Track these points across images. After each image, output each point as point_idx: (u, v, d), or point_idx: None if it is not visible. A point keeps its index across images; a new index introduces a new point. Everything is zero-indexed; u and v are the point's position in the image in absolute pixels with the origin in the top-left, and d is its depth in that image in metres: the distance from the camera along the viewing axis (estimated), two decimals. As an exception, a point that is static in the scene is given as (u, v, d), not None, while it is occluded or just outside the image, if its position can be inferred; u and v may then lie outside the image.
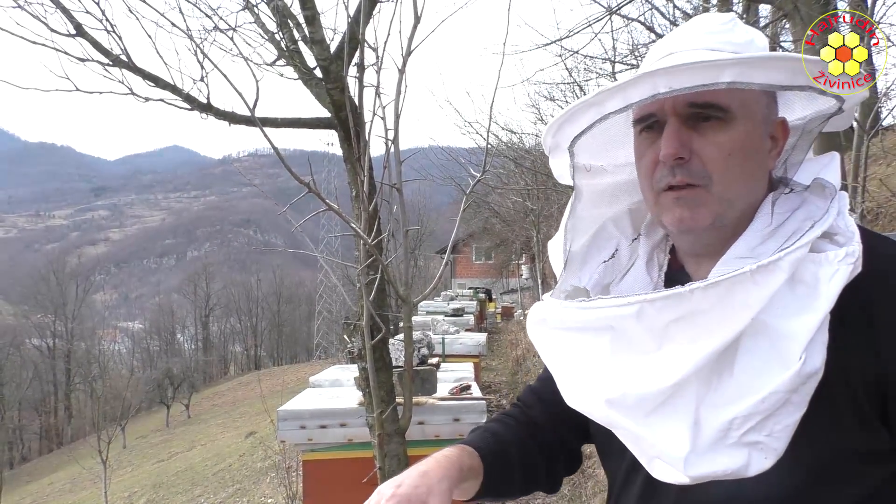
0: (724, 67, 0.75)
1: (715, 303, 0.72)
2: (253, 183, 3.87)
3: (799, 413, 0.71)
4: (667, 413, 0.76)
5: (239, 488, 10.62)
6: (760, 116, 0.84)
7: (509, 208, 16.89)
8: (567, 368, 0.87)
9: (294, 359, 52.41)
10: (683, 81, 0.75)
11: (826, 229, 0.76)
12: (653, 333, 0.77)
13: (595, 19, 6.45)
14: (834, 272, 0.72)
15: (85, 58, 2.75)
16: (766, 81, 0.77)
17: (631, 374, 0.78)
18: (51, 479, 25.05)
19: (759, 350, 0.73)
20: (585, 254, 0.98)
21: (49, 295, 47.82)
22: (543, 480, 1.09)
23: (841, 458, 0.76)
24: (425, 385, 3.92)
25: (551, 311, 0.88)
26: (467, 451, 0.97)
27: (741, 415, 0.71)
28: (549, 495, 5.88)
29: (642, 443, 0.79)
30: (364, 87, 2.56)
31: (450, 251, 2.98)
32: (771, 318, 0.72)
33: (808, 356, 0.70)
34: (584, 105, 0.84)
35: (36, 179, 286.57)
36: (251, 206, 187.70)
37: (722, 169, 0.81)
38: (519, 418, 1.11)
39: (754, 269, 0.71)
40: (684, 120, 0.82)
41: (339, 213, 2.24)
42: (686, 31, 0.88)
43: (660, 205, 0.86)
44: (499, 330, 21.31)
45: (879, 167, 7.02)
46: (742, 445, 0.72)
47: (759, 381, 0.71)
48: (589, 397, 0.83)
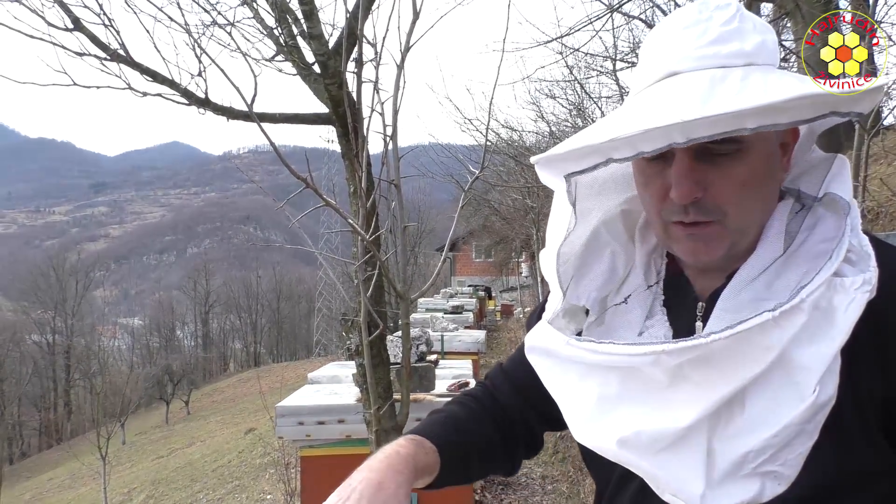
0: (747, 116, 0.68)
1: (734, 347, 0.70)
2: (253, 180, 3.86)
3: (812, 441, 0.70)
4: (680, 451, 0.74)
5: (238, 485, 10.64)
6: (774, 133, 0.79)
7: (509, 206, 16.88)
8: (574, 404, 0.83)
9: (293, 356, 52.46)
10: (703, 132, 0.69)
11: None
12: (667, 373, 0.74)
13: (596, 17, 6.45)
14: (850, 301, 0.70)
15: (82, 52, 2.74)
16: (791, 120, 0.71)
17: (643, 414, 0.76)
18: (50, 474, 25.09)
19: (773, 382, 0.71)
20: (580, 265, 0.92)
21: (49, 291, 47.84)
22: (501, 464, 1.08)
23: (847, 477, 0.75)
24: (423, 382, 3.92)
25: (555, 345, 0.84)
26: (424, 446, 0.94)
27: (755, 448, 0.70)
28: (517, 487, 5.89)
29: (658, 481, 0.77)
30: (362, 83, 2.55)
31: (448, 248, 2.98)
32: (786, 350, 0.70)
33: (822, 387, 0.69)
34: (586, 149, 0.77)
35: (35, 175, 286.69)
36: (251, 203, 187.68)
37: (737, 202, 0.77)
38: (483, 400, 1.09)
39: (777, 315, 0.68)
40: (696, 153, 0.77)
41: (336, 209, 2.24)
42: (686, 38, 0.78)
43: (670, 237, 0.82)
44: (498, 328, 21.33)
45: (880, 166, 7.01)
46: (756, 476, 0.71)
47: (773, 415, 0.70)
48: (600, 436, 0.80)
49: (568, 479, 5.94)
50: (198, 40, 2.78)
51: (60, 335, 45.93)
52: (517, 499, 5.78)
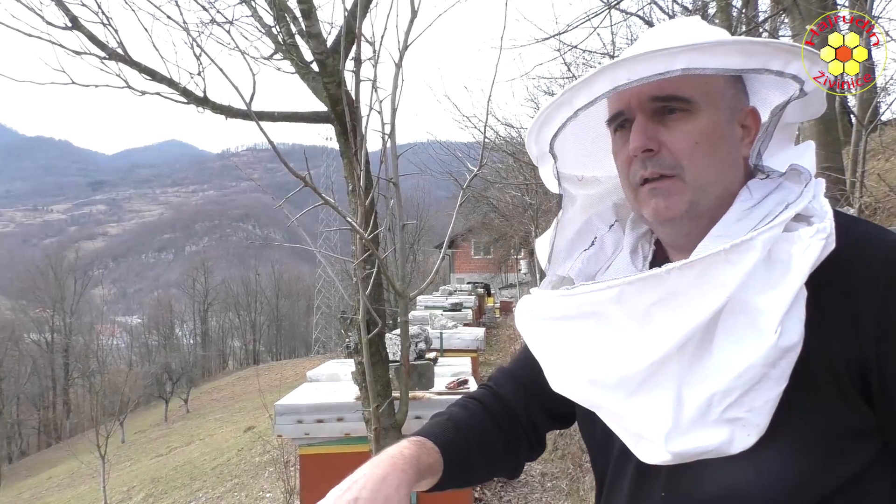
0: (676, 54, 0.77)
1: (692, 283, 0.74)
2: (251, 178, 3.86)
3: (779, 388, 0.73)
4: (648, 392, 0.77)
5: (237, 483, 10.64)
6: (725, 105, 0.85)
7: (508, 203, 16.88)
8: (553, 355, 0.89)
9: (293, 354, 52.47)
10: (642, 71, 0.78)
11: (800, 211, 0.78)
12: (635, 316, 0.79)
13: (594, 13, 6.46)
14: (806, 247, 0.73)
15: (81, 51, 2.74)
16: (720, 66, 0.79)
17: (613, 356, 0.80)
18: (50, 473, 25.09)
19: (736, 327, 0.74)
20: (570, 247, 1.01)
21: (47, 290, 47.81)
22: (504, 467, 1.09)
23: (826, 437, 0.76)
24: (422, 379, 3.92)
25: (538, 302, 0.91)
26: (427, 447, 0.95)
27: (720, 391, 0.73)
28: (511, 480, 5.89)
29: (625, 422, 0.80)
30: (361, 82, 2.55)
31: (446, 245, 2.98)
32: (748, 296, 0.74)
33: (784, 330, 0.71)
34: (554, 105, 0.87)
35: (33, 173, 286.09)
36: (250, 201, 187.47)
37: (691, 157, 0.83)
38: (486, 402, 1.10)
39: (728, 248, 0.73)
40: (650, 115, 0.85)
41: (334, 208, 2.24)
42: (651, 34, 0.92)
43: (638, 200, 0.88)
44: (497, 325, 21.33)
45: (878, 162, 7.02)
46: (723, 422, 0.73)
47: (736, 357, 0.73)
48: (572, 380, 0.85)
49: (567, 476, 5.96)
50: (196, 39, 2.79)
51: (59, 334, 45.92)
52: (517, 496, 5.79)
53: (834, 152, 5.72)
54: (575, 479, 5.70)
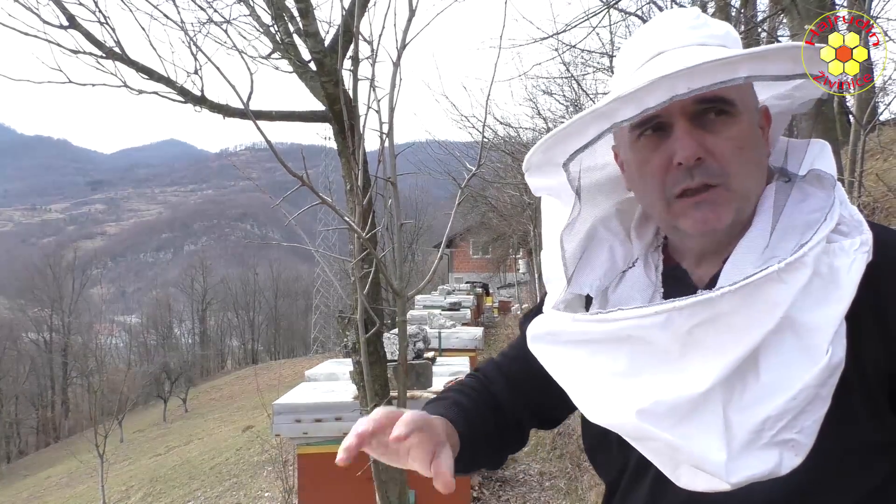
0: (740, 63, 0.74)
1: (741, 304, 0.70)
2: (250, 177, 3.85)
3: (826, 407, 0.71)
4: (698, 420, 0.73)
5: (236, 482, 10.64)
6: (754, 106, 0.84)
7: (506, 202, 16.88)
8: (585, 384, 0.82)
9: (291, 353, 52.43)
10: (703, 81, 0.73)
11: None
12: (677, 339, 0.73)
13: (593, 13, 6.45)
14: (852, 262, 0.71)
15: (78, 50, 2.73)
16: (777, 73, 0.77)
17: (659, 383, 0.74)
18: (48, 473, 25.06)
19: (785, 347, 0.71)
20: (581, 258, 0.94)
21: (45, 289, 47.76)
22: (493, 456, 1.09)
23: (852, 449, 0.75)
24: (420, 379, 3.93)
25: (561, 325, 0.83)
26: (446, 423, 0.93)
27: (773, 414, 0.70)
28: (495, 471, 5.83)
29: (679, 453, 0.74)
30: (359, 81, 2.55)
31: (444, 245, 2.97)
32: (794, 314, 0.70)
33: (834, 348, 0.69)
34: (591, 115, 0.78)
35: (32, 173, 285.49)
36: (248, 201, 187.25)
37: (737, 164, 0.80)
38: (480, 391, 1.08)
39: (782, 266, 0.69)
40: (692, 119, 0.80)
41: (332, 207, 2.23)
42: (666, 28, 0.86)
43: (674, 212, 0.83)
44: (496, 324, 21.33)
45: (876, 162, 7.02)
46: (773, 445, 0.71)
47: (788, 379, 0.70)
48: (617, 411, 0.77)
49: (566, 475, 5.96)
50: (194, 38, 2.78)
51: (57, 333, 45.88)
52: (515, 495, 5.79)
53: (832, 152, 5.73)
54: (573, 479, 5.71)
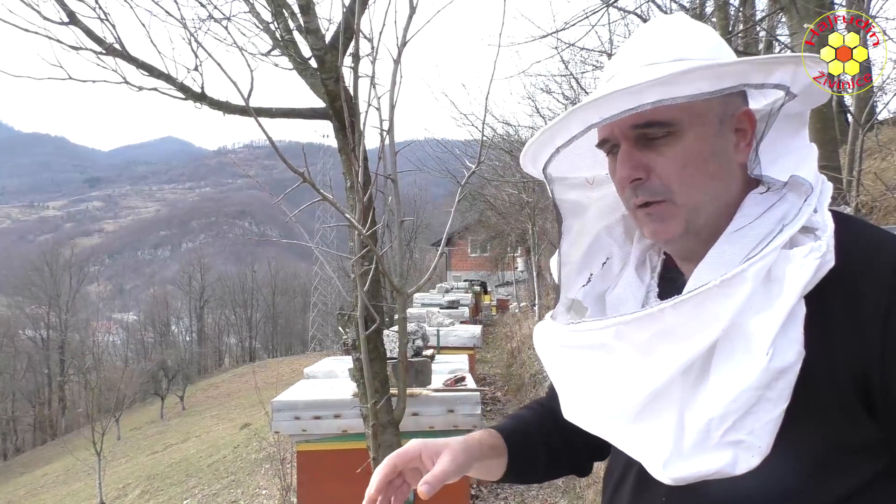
0: (645, 90, 0.77)
1: (688, 317, 0.75)
2: (248, 174, 3.86)
3: (778, 409, 0.72)
4: (649, 419, 0.79)
5: (233, 479, 10.64)
6: (713, 116, 0.83)
7: (505, 201, 16.88)
8: (564, 383, 0.92)
9: (289, 351, 52.40)
10: (609, 110, 0.79)
11: (806, 224, 0.77)
12: (637, 348, 0.80)
13: (592, 11, 6.45)
14: (798, 268, 0.73)
15: (78, 46, 2.72)
16: (692, 93, 0.78)
17: (617, 386, 0.81)
18: (45, 470, 25.02)
19: (732, 351, 0.74)
20: (581, 265, 1.00)
21: (43, 286, 47.62)
22: (568, 464, 1.13)
23: (828, 451, 0.76)
24: (419, 376, 3.93)
25: (550, 331, 0.93)
26: (489, 432, 1.03)
27: (717, 416, 0.73)
28: (578, 478, 5.87)
29: (630, 448, 0.83)
30: (359, 78, 2.55)
31: (444, 242, 2.98)
32: (743, 319, 0.73)
33: (777, 351, 0.71)
34: (537, 144, 0.90)
35: (29, 170, 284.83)
36: (246, 198, 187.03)
37: (679, 180, 0.82)
38: (545, 405, 1.15)
39: (718, 283, 0.73)
40: (635, 141, 0.84)
41: (332, 203, 2.24)
42: (629, 47, 0.90)
43: (637, 219, 0.89)
44: (494, 323, 21.33)
45: (874, 161, 7.01)
46: (725, 445, 0.73)
47: (730, 381, 0.73)
48: (580, 409, 0.89)
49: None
50: (194, 35, 2.78)
51: (55, 330, 45.75)
52: (513, 493, 5.80)
53: (831, 151, 5.73)
54: (571, 477, 5.71)
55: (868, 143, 5.47)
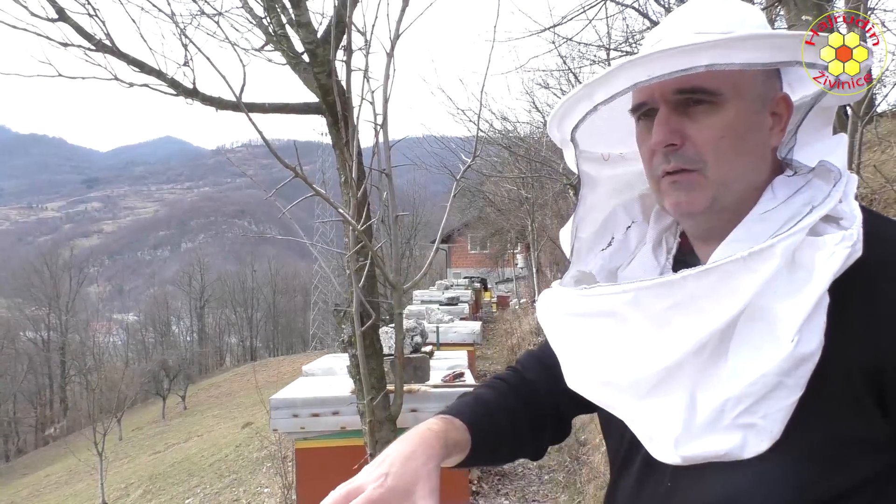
0: (700, 51, 0.75)
1: (709, 289, 0.73)
2: (246, 174, 3.85)
3: (794, 396, 0.71)
4: (661, 395, 0.77)
5: (235, 478, 10.64)
6: (755, 94, 0.82)
7: (504, 197, 16.86)
8: (569, 351, 0.90)
9: (290, 349, 52.44)
10: (661, 68, 0.77)
11: (828, 213, 0.75)
12: (651, 319, 0.78)
13: (589, 5, 6.41)
14: (830, 255, 0.71)
15: (67, 42, 2.70)
16: (747, 61, 0.76)
17: (628, 358, 0.80)
18: (47, 471, 25.05)
19: (753, 333, 0.73)
20: (593, 240, 0.99)
21: (42, 287, 47.65)
22: (529, 448, 1.09)
23: (835, 444, 0.74)
24: (418, 373, 3.91)
25: (558, 298, 0.91)
26: (454, 423, 0.96)
27: (733, 397, 0.72)
28: (534, 461, 5.90)
29: (637, 423, 0.81)
30: (352, 71, 2.52)
31: (441, 238, 2.95)
32: (766, 302, 0.72)
33: (802, 339, 0.70)
34: (573, 99, 0.87)
35: (27, 171, 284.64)
36: (245, 197, 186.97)
37: (714, 152, 0.80)
38: (512, 383, 1.10)
39: (746, 255, 0.71)
40: (674, 106, 0.82)
41: (325, 198, 2.21)
42: (676, 16, 0.88)
43: (660, 190, 0.87)
44: (494, 319, 21.34)
45: (874, 154, 6.99)
46: (736, 427, 0.72)
47: (751, 364, 0.72)
48: (587, 378, 0.86)
49: (564, 468, 5.96)
50: (184, 30, 2.75)
51: (55, 332, 45.79)
52: (514, 489, 5.79)
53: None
54: (572, 472, 5.71)
55: (867, 135, 5.45)
